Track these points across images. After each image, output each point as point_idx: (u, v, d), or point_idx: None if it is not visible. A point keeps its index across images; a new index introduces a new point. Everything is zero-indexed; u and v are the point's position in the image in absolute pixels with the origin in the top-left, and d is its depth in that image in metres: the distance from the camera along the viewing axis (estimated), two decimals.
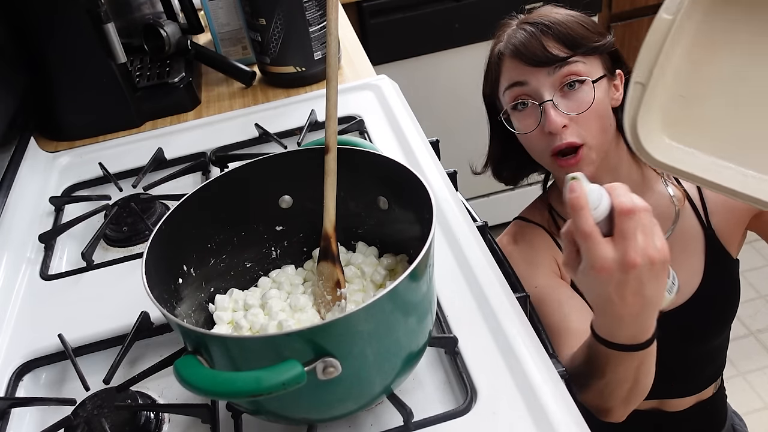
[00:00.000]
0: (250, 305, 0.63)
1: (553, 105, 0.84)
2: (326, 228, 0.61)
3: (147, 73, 1.19)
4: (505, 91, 0.89)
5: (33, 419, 0.65)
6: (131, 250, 0.84)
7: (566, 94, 0.85)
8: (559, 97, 0.85)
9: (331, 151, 0.60)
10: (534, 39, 0.86)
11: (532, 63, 0.85)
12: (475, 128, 1.00)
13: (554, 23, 0.86)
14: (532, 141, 0.89)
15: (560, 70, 0.84)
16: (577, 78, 0.85)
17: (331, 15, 0.60)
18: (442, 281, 0.69)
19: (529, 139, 0.89)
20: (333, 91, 0.60)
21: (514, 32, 0.88)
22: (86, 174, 0.99)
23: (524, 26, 0.88)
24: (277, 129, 1.00)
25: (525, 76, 0.86)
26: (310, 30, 1.09)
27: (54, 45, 1.02)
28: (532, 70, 0.85)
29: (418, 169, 0.80)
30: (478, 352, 0.61)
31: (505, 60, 0.89)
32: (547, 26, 0.86)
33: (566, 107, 0.85)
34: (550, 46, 0.85)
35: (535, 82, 0.85)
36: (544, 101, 0.85)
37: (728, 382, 1.09)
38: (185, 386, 0.46)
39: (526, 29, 0.87)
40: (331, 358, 0.47)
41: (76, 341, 0.69)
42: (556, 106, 0.84)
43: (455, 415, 0.56)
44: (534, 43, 0.85)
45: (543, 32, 0.86)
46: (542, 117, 0.85)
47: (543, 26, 0.86)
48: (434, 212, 0.53)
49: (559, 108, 0.84)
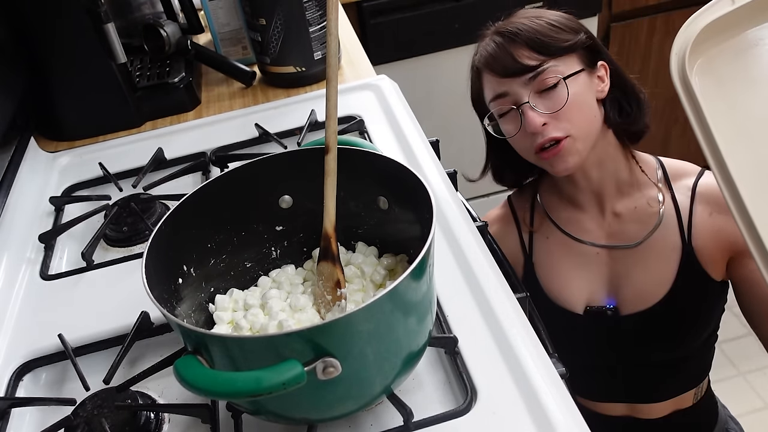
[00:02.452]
0: (250, 305, 0.63)
1: (531, 106, 0.86)
2: (326, 228, 0.61)
3: (147, 73, 1.19)
4: (490, 102, 0.92)
5: (33, 419, 0.65)
6: (131, 250, 0.84)
7: (542, 93, 0.87)
8: (536, 98, 0.87)
9: (331, 151, 0.60)
10: (503, 50, 0.88)
11: (505, 74, 0.88)
12: (475, 128, 1.00)
13: (522, 30, 0.87)
14: (518, 142, 0.91)
15: (535, 77, 0.86)
16: (554, 81, 0.86)
17: (331, 15, 0.60)
18: (442, 281, 0.69)
19: (515, 141, 0.91)
20: (333, 91, 0.60)
21: (486, 44, 0.91)
22: (86, 174, 0.99)
23: (494, 37, 0.90)
24: (277, 129, 1.00)
25: (503, 87, 0.89)
26: (310, 30, 1.09)
27: (54, 45, 1.02)
28: (508, 80, 0.88)
29: (418, 169, 0.80)
30: (478, 352, 0.61)
31: (483, 73, 0.92)
32: (515, 34, 0.87)
33: (544, 106, 0.86)
34: (520, 55, 0.86)
35: (513, 91, 0.88)
36: (521, 104, 0.87)
37: (728, 382, 1.08)
38: (185, 386, 0.46)
39: (495, 40, 0.89)
40: (331, 358, 0.47)
41: (76, 341, 0.69)
42: (534, 107, 0.86)
43: (455, 415, 0.56)
44: (503, 54, 0.87)
45: (511, 41, 0.87)
46: (523, 119, 0.87)
47: (510, 35, 0.88)
48: (434, 212, 0.53)
49: (537, 108, 0.86)
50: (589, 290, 0.97)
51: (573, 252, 0.97)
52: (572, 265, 0.98)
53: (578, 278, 0.97)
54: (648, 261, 0.93)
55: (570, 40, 0.88)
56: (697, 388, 1.02)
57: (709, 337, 1.00)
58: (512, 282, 0.69)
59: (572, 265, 0.98)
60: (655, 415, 1.02)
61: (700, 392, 1.03)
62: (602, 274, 0.96)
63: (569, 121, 0.87)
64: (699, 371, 1.03)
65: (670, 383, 1.01)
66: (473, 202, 0.95)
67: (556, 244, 0.99)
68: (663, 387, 1.01)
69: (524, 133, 0.88)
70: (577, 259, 0.97)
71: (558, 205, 1.00)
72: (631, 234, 0.94)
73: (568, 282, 0.97)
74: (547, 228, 1.00)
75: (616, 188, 0.95)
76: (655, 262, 0.92)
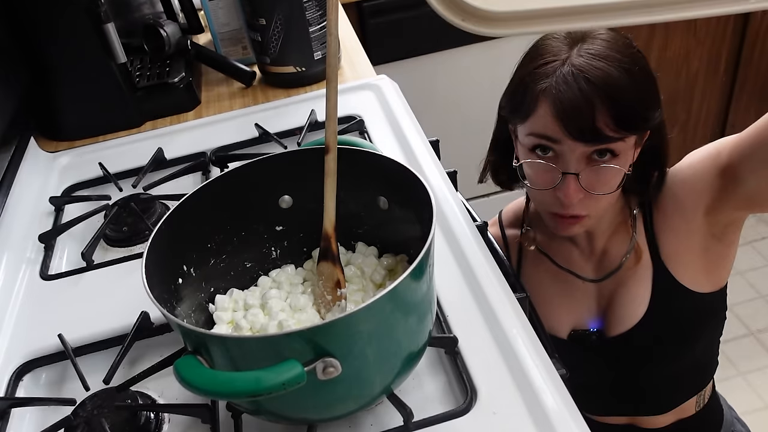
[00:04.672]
0: (250, 305, 0.63)
1: (576, 179, 0.77)
2: (326, 228, 0.61)
3: (147, 73, 1.19)
4: (530, 134, 0.80)
5: (33, 419, 0.65)
6: (131, 250, 0.84)
7: (593, 167, 0.77)
8: (585, 168, 0.77)
9: (331, 151, 0.60)
10: (586, 106, 0.73)
11: (574, 135, 0.75)
12: (475, 128, 1.00)
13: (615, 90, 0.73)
14: (538, 194, 0.84)
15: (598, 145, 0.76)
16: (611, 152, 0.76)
17: (331, 15, 0.60)
18: (442, 281, 0.69)
19: (536, 192, 0.84)
20: (333, 91, 0.60)
21: (565, 81, 0.74)
22: (86, 174, 0.99)
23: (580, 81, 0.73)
24: (277, 129, 1.00)
25: (559, 135, 0.76)
26: (310, 30, 1.09)
27: (54, 45, 1.02)
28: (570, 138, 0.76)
29: (418, 169, 0.80)
30: (478, 352, 0.61)
31: (543, 105, 0.76)
32: (607, 95, 0.73)
33: (588, 182, 0.77)
34: (599, 120, 0.73)
35: (567, 148, 0.77)
36: (568, 172, 0.77)
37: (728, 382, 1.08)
38: (185, 386, 0.46)
39: (582, 88, 0.73)
40: (331, 358, 0.47)
41: (76, 341, 0.69)
42: (579, 179, 0.77)
43: (455, 415, 0.56)
44: (585, 115, 0.73)
45: (601, 101, 0.73)
46: (560, 183, 0.78)
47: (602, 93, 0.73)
48: (434, 212, 0.53)
49: (581, 181, 0.77)
50: (574, 317, 0.96)
51: (560, 280, 0.96)
52: (559, 293, 0.96)
53: (564, 305, 0.96)
54: (627, 282, 0.91)
55: (654, 119, 0.78)
56: (698, 396, 1.01)
57: (708, 348, 0.99)
58: (512, 282, 0.69)
59: (559, 293, 0.96)
60: (659, 425, 1.01)
61: (703, 399, 1.02)
62: (588, 301, 0.95)
63: (598, 203, 0.80)
64: (699, 380, 1.01)
65: (666, 397, 0.99)
66: (473, 202, 0.95)
67: (544, 270, 0.97)
68: (659, 401, 1.00)
69: (551, 193, 0.80)
70: (563, 286, 0.96)
71: (550, 233, 0.97)
72: (616, 263, 0.92)
73: (554, 309, 0.96)
74: (536, 254, 0.98)
75: (609, 229, 0.92)
76: (633, 282, 0.91)
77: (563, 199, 0.79)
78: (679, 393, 1.00)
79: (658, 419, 1.01)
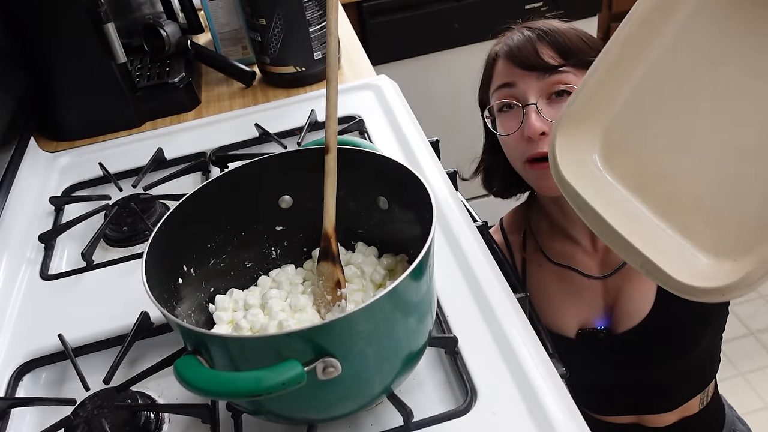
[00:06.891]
0: (250, 305, 0.63)
1: (536, 109, 0.84)
2: (326, 228, 0.61)
3: (147, 73, 1.19)
4: (494, 91, 0.89)
5: (33, 419, 0.65)
6: (131, 250, 0.84)
7: (552, 101, 0.85)
8: (545, 104, 0.84)
9: (331, 151, 0.60)
10: (528, 43, 0.86)
11: (522, 66, 0.85)
12: (475, 128, 1.00)
13: (552, 31, 0.86)
14: (510, 144, 0.89)
15: (549, 77, 0.84)
16: (566, 87, 0.84)
17: (331, 15, 0.60)
18: (442, 281, 0.69)
19: (508, 142, 0.89)
20: (333, 91, 0.60)
21: (512, 34, 0.89)
22: (86, 174, 0.99)
23: (522, 30, 0.88)
24: (277, 129, 1.00)
25: (514, 77, 0.86)
26: (310, 30, 1.09)
27: (54, 45, 1.02)
28: (521, 73, 0.85)
29: (418, 169, 0.80)
30: (478, 352, 0.61)
31: (499, 61, 0.89)
32: (545, 32, 0.86)
33: (549, 114, 0.84)
34: (543, 52, 0.85)
35: (523, 85, 0.85)
36: (528, 104, 0.84)
37: (728, 382, 1.08)
38: (185, 386, 0.46)
39: (523, 33, 0.88)
40: (331, 358, 0.47)
41: (76, 341, 0.69)
42: (539, 111, 0.84)
43: (455, 415, 0.56)
44: (528, 47, 0.85)
45: (539, 38, 0.86)
46: (524, 120, 0.85)
47: (540, 32, 0.86)
48: (434, 212, 0.53)
49: (542, 114, 0.84)
50: (581, 315, 0.96)
51: (566, 281, 0.96)
52: (565, 294, 0.97)
53: (571, 305, 0.96)
54: (633, 278, 0.92)
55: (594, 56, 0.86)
56: (702, 393, 1.02)
57: (711, 343, 0.99)
58: (512, 282, 0.69)
59: (565, 294, 0.97)
60: (664, 424, 1.01)
61: (706, 397, 1.03)
62: (595, 299, 0.95)
63: None
64: (704, 376, 1.02)
65: (673, 394, 1.00)
66: (473, 202, 0.95)
67: (549, 272, 0.98)
68: (667, 398, 1.00)
69: (520, 137, 0.86)
70: (569, 286, 0.96)
71: (550, 234, 0.98)
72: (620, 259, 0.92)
73: (561, 309, 0.96)
74: (539, 257, 0.99)
75: None
76: (638, 278, 0.91)
77: (528, 132, 0.84)
78: (685, 390, 1.00)
79: (663, 417, 1.01)
